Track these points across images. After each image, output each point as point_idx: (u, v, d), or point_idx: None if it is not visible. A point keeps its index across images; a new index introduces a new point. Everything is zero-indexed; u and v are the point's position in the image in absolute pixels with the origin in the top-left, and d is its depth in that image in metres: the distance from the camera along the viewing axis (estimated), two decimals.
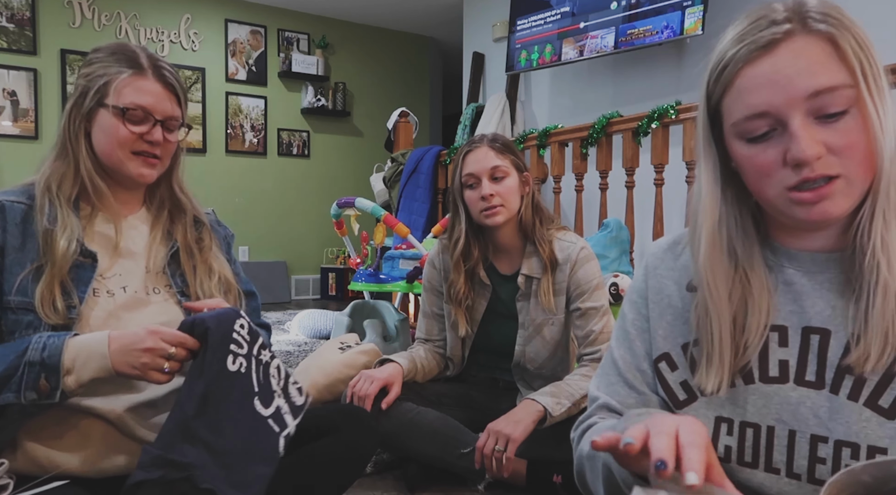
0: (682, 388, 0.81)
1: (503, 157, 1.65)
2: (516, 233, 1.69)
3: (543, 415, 1.48)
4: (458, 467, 1.55)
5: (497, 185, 1.63)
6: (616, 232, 2.67)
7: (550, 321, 1.66)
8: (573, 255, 1.64)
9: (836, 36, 0.66)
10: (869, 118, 0.66)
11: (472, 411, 1.73)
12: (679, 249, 0.87)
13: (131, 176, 1.12)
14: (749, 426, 0.77)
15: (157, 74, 1.11)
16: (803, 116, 0.67)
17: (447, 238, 1.75)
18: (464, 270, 1.69)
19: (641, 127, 2.67)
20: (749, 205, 0.77)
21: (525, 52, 4.04)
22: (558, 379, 1.62)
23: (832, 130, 0.67)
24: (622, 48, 3.49)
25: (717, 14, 3.09)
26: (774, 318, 0.76)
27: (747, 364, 0.76)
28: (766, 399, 0.76)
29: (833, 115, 0.66)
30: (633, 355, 0.86)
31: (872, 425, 0.70)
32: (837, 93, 0.66)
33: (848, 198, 0.69)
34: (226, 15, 5.57)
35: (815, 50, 0.66)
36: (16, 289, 1.00)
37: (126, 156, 1.10)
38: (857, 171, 0.68)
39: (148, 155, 1.11)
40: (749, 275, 0.76)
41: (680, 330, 0.82)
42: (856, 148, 0.67)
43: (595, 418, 0.87)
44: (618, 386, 0.87)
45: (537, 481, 1.53)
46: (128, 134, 1.09)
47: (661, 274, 0.86)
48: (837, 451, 0.71)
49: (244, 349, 1.01)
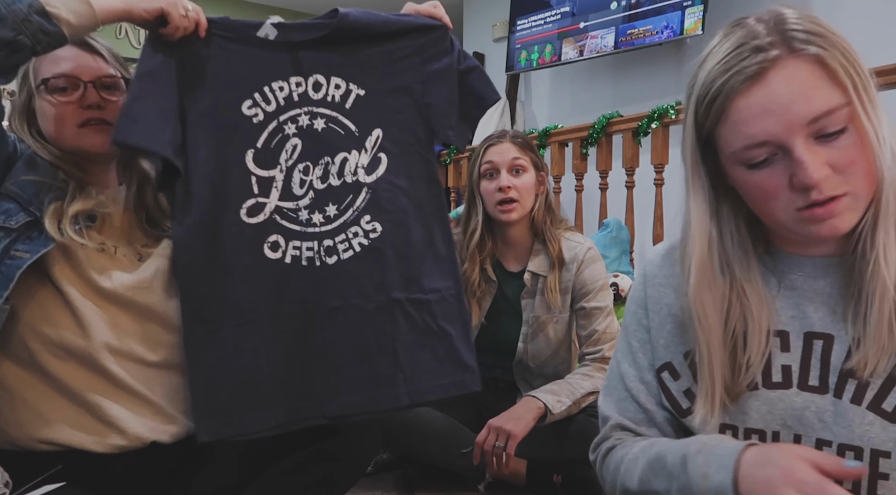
0: (685, 397, 0.81)
1: (524, 153, 1.67)
2: (527, 230, 1.69)
3: (544, 413, 1.48)
4: (458, 467, 1.55)
5: (515, 179, 1.64)
6: (616, 232, 2.68)
7: (555, 319, 1.67)
8: (580, 255, 1.65)
9: (824, 56, 0.66)
10: (865, 131, 0.66)
11: (473, 410, 1.73)
12: (678, 254, 0.86)
13: (87, 149, 1.05)
14: (754, 432, 0.76)
15: (77, 43, 1.04)
16: (804, 140, 0.66)
17: (461, 231, 1.75)
18: (479, 261, 1.70)
19: (641, 127, 2.67)
20: (745, 214, 0.77)
21: (525, 52, 4.04)
22: (560, 378, 1.62)
23: (833, 149, 0.66)
24: (622, 48, 3.49)
25: (717, 14, 3.09)
26: (776, 324, 0.76)
27: (752, 380, 0.76)
28: (770, 405, 0.75)
29: (832, 134, 0.66)
30: (638, 368, 0.86)
31: (876, 429, 0.70)
32: (835, 114, 0.65)
33: (855, 212, 0.69)
34: (226, 15, 5.56)
35: (805, 74, 0.66)
36: (16, 182, 0.99)
37: (74, 133, 1.03)
38: (861, 185, 0.68)
39: (95, 122, 1.04)
40: (746, 289, 0.75)
41: (681, 338, 0.82)
42: (858, 163, 0.67)
43: (613, 440, 0.86)
44: (626, 402, 0.87)
45: (537, 481, 1.53)
46: (61, 106, 1.02)
47: (659, 282, 0.86)
48: (841, 455, 0.71)
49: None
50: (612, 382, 0.90)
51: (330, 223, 1.11)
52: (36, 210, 0.98)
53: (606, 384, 0.91)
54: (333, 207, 1.11)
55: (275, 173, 1.10)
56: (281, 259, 1.10)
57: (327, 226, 1.11)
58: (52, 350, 0.98)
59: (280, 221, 1.10)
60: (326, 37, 1.09)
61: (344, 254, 1.11)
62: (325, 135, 1.11)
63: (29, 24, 0.85)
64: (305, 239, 1.11)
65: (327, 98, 1.11)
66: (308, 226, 1.11)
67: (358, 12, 1.10)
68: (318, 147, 1.11)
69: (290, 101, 1.10)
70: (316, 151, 1.11)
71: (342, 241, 1.11)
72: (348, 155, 1.11)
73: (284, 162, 1.10)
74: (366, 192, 1.11)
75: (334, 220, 1.11)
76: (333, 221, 1.11)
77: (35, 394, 0.98)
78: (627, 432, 0.86)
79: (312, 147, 1.11)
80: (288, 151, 1.10)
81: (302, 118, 1.10)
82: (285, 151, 1.10)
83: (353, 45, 1.11)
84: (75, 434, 0.99)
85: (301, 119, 1.10)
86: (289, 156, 1.10)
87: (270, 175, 1.10)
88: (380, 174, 1.11)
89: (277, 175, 1.10)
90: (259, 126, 1.09)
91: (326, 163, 1.11)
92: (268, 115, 1.10)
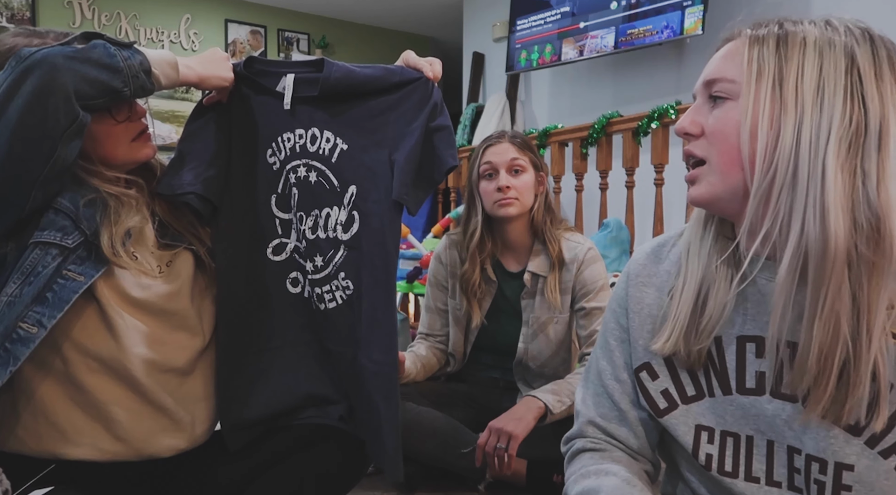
0: (662, 397, 0.82)
1: (523, 153, 1.67)
2: (527, 230, 1.69)
3: (544, 412, 1.49)
4: (459, 467, 1.55)
5: (514, 179, 1.65)
6: (616, 232, 2.68)
7: (555, 319, 1.67)
8: (580, 255, 1.65)
9: (752, 42, 0.72)
10: (746, 116, 0.70)
11: (473, 411, 1.73)
12: (664, 252, 0.86)
13: (141, 160, 1.09)
14: (729, 435, 0.77)
15: None
16: (702, 95, 0.77)
17: (461, 232, 1.75)
18: (479, 261, 1.70)
19: (641, 127, 2.67)
20: (724, 229, 0.79)
21: (525, 52, 4.04)
22: (560, 379, 1.62)
23: (712, 116, 0.74)
24: (622, 48, 3.49)
25: (717, 14, 3.09)
26: (752, 329, 0.75)
27: (709, 356, 0.77)
28: (743, 410, 0.76)
29: (717, 99, 0.74)
30: (614, 366, 0.88)
31: (839, 442, 0.69)
32: (721, 83, 0.73)
33: (710, 186, 0.74)
34: (226, 15, 5.57)
35: (731, 48, 0.75)
36: (66, 196, 0.97)
37: (127, 148, 1.07)
38: (717, 160, 0.73)
39: (143, 132, 1.09)
40: (720, 267, 0.76)
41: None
42: (724, 137, 0.72)
43: (584, 441, 0.89)
44: (602, 397, 0.88)
45: (537, 481, 1.53)
46: (113, 126, 1.04)
47: (641, 281, 0.87)
48: (808, 465, 0.71)
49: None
50: (589, 376, 0.91)
51: (318, 272, 1.14)
52: (86, 228, 0.97)
53: (584, 377, 0.93)
54: (319, 259, 1.14)
55: (291, 216, 1.17)
56: (300, 293, 1.18)
57: (317, 275, 1.15)
58: (87, 361, 0.98)
59: (298, 259, 1.17)
60: (319, 93, 1.11)
61: (329, 304, 1.14)
62: (315, 188, 1.14)
63: (136, 79, 0.94)
64: (308, 281, 1.17)
65: (319, 151, 1.13)
66: (306, 271, 1.16)
67: (340, 71, 1.09)
68: (311, 199, 1.14)
69: (293, 152, 1.15)
70: (309, 202, 1.14)
71: (328, 292, 1.14)
72: (331, 210, 1.13)
73: (293, 207, 1.16)
74: (343, 249, 1.13)
75: (321, 271, 1.14)
76: (320, 271, 1.14)
77: (58, 409, 0.97)
78: (599, 429, 0.88)
79: (306, 198, 1.14)
80: (293, 198, 1.16)
81: (300, 169, 1.14)
82: (292, 198, 1.16)
83: (342, 101, 1.12)
84: (91, 451, 0.99)
85: (300, 170, 1.14)
86: (294, 202, 1.16)
87: (289, 217, 1.17)
88: (353, 232, 1.12)
89: (293, 218, 1.16)
90: (277, 173, 1.16)
91: (316, 216, 1.14)
92: (281, 163, 1.16)
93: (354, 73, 1.11)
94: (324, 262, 1.14)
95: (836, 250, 0.64)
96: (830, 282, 0.64)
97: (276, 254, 1.18)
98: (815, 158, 0.65)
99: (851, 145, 0.65)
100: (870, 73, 0.66)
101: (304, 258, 1.16)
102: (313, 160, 1.14)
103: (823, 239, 0.64)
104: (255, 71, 1.15)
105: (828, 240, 0.64)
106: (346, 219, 1.12)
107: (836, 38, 0.68)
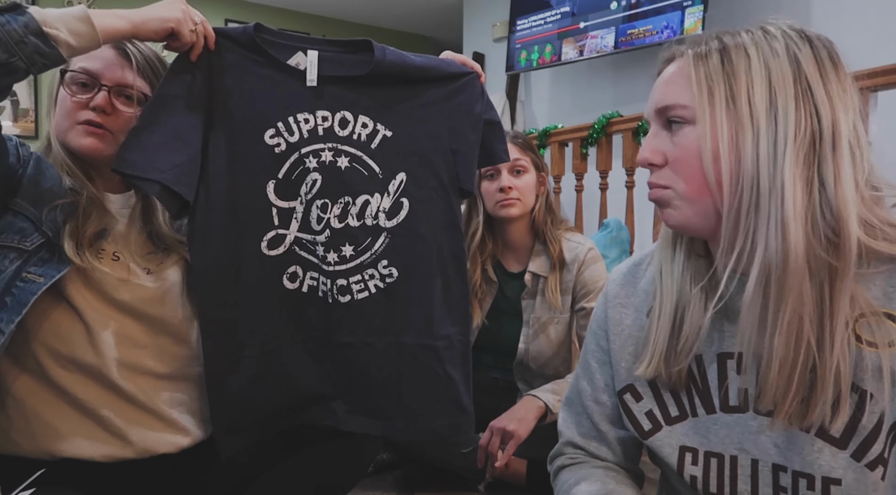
0: (647, 418, 0.81)
1: (524, 154, 1.67)
2: (527, 231, 1.70)
3: (544, 412, 1.49)
4: (459, 467, 1.55)
5: (516, 179, 1.65)
6: (616, 232, 2.68)
7: (556, 320, 1.67)
8: (581, 256, 1.65)
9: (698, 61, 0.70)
10: (705, 139, 0.69)
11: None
12: (640, 271, 0.86)
13: (75, 148, 1.00)
14: (713, 456, 0.76)
15: (115, 45, 1.02)
16: (656, 124, 0.75)
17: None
18: (480, 262, 1.70)
19: (641, 127, 2.67)
20: (695, 246, 0.79)
21: (525, 52, 4.04)
22: (560, 379, 1.62)
23: (672, 142, 0.72)
24: (622, 48, 3.49)
25: (717, 14, 3.09)
26: (731, 346, 0.75)
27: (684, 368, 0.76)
28: (727, 428, 0.75)
29: (675, 124, 0.72)
30: (594, 387, 0.88)
31: (825, 456, 0.69)
32: (676, 110, 0.71)
33: (680, 211, 0.73)
34: (226, 15, 5.57)
35: (674, 69, 0.73)
36: (26, 196, 0.95)
37: (68, 126, 1.00)
38: (682, 187, 0.72)
39: (94, 125, 0.99)
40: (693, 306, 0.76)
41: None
42: (687, 164, 0.71)
43: (565, 458, 0.90)
44: (582, 417, 0.90)
45: (537, 481, 1.53)
46: (70, 100, 0.99)
47: (620, 302, 0.87)
48: (795, 482, 0.71)
49: None
50: (571, 396, 0.93)
51: (345, 263, 1.09)
52: (48, 230, 0.95)
53: (567, 395, 0.94)
54: (350, 248, 1.09)
55: (295, 204, 1.09)
56: (298, 289, 1.11)
57: (342, 266, 1.09)
58: (64, 364, 0.97)
59: (299, 252, 1.10)
60: (360, 77, 1.07)
61: (358, 295, 1.10)
62: (347, 175, 1.09)
63: (24, 46, 0.82)
64: (321, 273, 1.11)
65: (353, 136, 1.08)
66: (323, 263, 1.10)
67: (394, 55, 1.07)
68: (339, 185, 1.09)
69: (314, 135, 1.08)
70: (336, 189, 1.09)
71: (357, 282, 1.09)
72: (370, 198, 1.09)
73: (304, 195, 1.09)
74: (385, 237, 1.09)
75: (350, 261, 1.09)
76: (349, 261, 1.09)
77: (48, 408, 0.98)
78: (579, 449, 0.90)
79: (333, 184, 1.09)
80: (308, 185, 1.08)
81: (325, 153, 1.08)
82: (305, 184, 1.08)
83: (385, 86, 1.08)
84: (87, 446, 0.98)
85: (324, 154, 1.08)
86: (308, 189, 1.09)
87: (291, 206, 1.09)
88: (400, 219, 1.09)
89: (297, 206, 1.09)
90: (281, 156, 1.07)
91: (346, 203, 1.09)
92: (290, 146, 1.07)
93: (408, 58, 1.09)
94: (355, 251, 1.09)
95: (796, 262, 0.64)
96: (791, 294, 0.64)
97: (271, 249, 1.09)
98: (774, 173, 0.65)
99: (808, 154, 0.65)
100: (816, 76, 0.66)
101: (323, 248, 1.09)
102: (345, 144, 1.08)
103: (784, 252, 0.64)
104: (263, 40, 1.07)
105: (788, 253, 0.64)
106: (392, 206, 1.10)
107: (777, 46, 0.68)
